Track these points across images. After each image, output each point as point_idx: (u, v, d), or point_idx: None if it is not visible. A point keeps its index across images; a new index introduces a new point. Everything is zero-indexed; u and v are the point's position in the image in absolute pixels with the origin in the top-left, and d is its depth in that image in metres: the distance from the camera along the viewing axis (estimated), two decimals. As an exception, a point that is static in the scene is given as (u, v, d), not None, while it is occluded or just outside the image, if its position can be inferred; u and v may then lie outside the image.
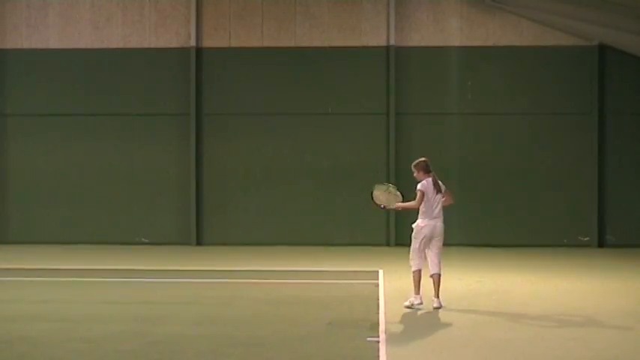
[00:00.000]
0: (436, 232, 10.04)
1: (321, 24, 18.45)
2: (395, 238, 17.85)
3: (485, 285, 12.08)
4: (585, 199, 18.06)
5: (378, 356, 7.33)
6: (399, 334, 8.44)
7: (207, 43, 18.53)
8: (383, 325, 8.74)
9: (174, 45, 18.61)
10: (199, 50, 18.46)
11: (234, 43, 18.54)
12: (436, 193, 10.06)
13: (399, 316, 9.48)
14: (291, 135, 18.49)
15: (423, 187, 10.05)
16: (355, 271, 13.67)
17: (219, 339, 8.15)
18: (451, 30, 18.30)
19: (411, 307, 9.93)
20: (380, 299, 10.50)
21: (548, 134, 18.25)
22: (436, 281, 10.04)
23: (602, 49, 17.97)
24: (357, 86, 18.39)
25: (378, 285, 11.81)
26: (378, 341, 7.92)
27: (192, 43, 18.40)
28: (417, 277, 10.06)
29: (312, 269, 14.12)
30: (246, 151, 18.50)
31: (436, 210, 10.06)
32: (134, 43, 18.65)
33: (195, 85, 18.39)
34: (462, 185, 18.15)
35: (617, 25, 16.18)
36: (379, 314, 9.44)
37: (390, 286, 11.55)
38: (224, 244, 18.25)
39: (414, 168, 10.24)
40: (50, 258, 15.94)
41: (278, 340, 8.05)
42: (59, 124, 18.70)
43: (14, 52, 18.77)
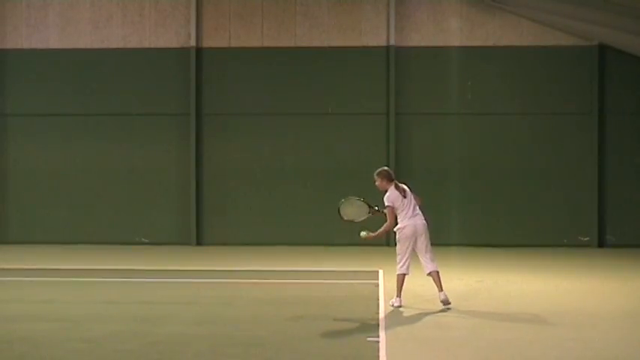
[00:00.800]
0: (419, 230, 10.03)
1: (321, 24, 18.46)
2: (395, 238, 17.77)
3: (486, 285, 12.08)
4: (585, 199, 18.06)
5: (378, 356, 7.33)
6: (399, 334, 8.43)
7: (207, 43, 18.54)
8: (383, 325, 8.75)
9: (174, 45, 18.61)
10: (199, 50, 18.47)
11: (234, 43, 18.55)
12: (404, 197, 10.04)
13: (399, 316, 9.48)
14: (291, 135, 18.50)
15: (389, 201, 10.06)
16: (355, 271, 13.68)
17: (219, 339, 8.15)
18: (451, 30, 18.31)
19: (392, 306, 9.96)
20: (380, 299, 10.50)
21: (548, 134, 18.25)
22: (436, 278, 10.04)
23: (602, 49, 17.98)
24: (357, 86, 18.39)
25: (378, 285, 11.82)
26: (378, 341, 7.92)
27: (192, 43, 18.40)
28: (400, 280, 10.09)
29: (312, 269, 14.13)
30: (246, 151, 18.50)
31: (412, 210, 10.06)
32: (134, 43, 18.65)
33: (195, 85, 18.39)
34: (462, 185, 18.22)
35: (617, 25, 16.18)
36: (379, 314, 9.44)
37: (390, 286, 11.51)
38: (224, 244, 18.26)
39: (376, 176, 10.23)
40: (50, 258, 15.93)
41: (278, 340, 8.05)
42: (59, 124, 18.70)
43: (14, 52, 18.77)
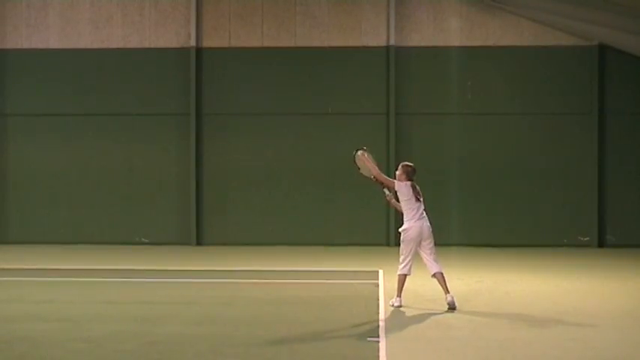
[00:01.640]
0: (424, 233, 10.01)
1: (321, 24, 18.46)
2: (395, 238, 17.82)
3: (486, 285, 12.08)
4: (585, 199, 18.07)
5: (378, 356, 7.32)
6: (399, 334, 8.43)
7: (207, 43, 18.54)
8: (383, 325, 8.74)
9: (174, 45, 18.62)
10: (199, 50, 18.47)
11: (234, 43, 18.55)
12: (415, 200, 10.04)
13: (399, 316, 9.47)
14: (291, 135, 18.50)
15: (398, 186, 10.05)
16: (355, 271, 13.67)
17: (219, 339, 8.14)
18: (451, 30, 18.32)
19: (392, 306, 9.96)
20: (380, 299, 10.49)
21: (548, 134, 18.26)
22: (441, 279, 10.02)
23: (602, 49, 17.99)
24: (357, 86, 18.40)
25: (378, 285, 11.81)
26: (378, 341, 7.91)
27: (192, 43, 18.41)
28: (401, 280, 10.08)
29: (312, 269, 14.12)
30: (246, 151, 18.51)
31: (419, 212, 10.05)
32: (134, 43, 18.66)
33: (195, 85, 18.40)
34: (462, 185, 18.22)
35: (617, 25, 16.18)
36: (379, 314, 9.43)
37: (390, 286, 11.51)
38: (224, 244, 18.27)
39: (401, 167, 10.21)
40: (50, 258, 15.93)
41: (278, 340, 8.05)
42: (59, 124, 18.71)
43: (14, 52, 18.78)
